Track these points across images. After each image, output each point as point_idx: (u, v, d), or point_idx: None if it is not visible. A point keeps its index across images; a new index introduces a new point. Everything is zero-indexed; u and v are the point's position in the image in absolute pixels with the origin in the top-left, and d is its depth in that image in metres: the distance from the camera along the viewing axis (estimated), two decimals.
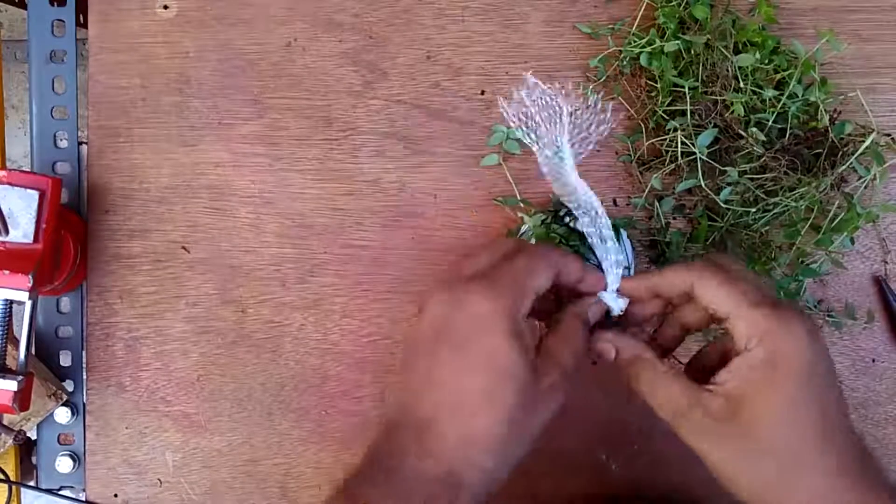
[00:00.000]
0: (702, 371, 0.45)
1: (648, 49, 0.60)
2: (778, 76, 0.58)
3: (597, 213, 0.47)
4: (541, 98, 0.48)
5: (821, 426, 0.39)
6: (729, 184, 0.57)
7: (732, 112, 0.56)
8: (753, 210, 0.57)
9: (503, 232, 0.62)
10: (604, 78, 0.62)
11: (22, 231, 0.55)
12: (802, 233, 0.57)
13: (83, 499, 0.63)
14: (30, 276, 0.54)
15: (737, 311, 0.41)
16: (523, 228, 0.57)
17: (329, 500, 0.39)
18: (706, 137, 0.56)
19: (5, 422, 0.60)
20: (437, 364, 0.41)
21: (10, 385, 0.54)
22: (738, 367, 0.40)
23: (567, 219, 0.53)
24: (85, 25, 0.65)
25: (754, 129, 0.56)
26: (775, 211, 0.57)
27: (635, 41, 0.61)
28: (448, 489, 0.38)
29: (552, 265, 0.44)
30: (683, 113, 0.58)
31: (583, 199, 0.47)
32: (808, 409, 0.39)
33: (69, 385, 0.65)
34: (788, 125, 0.57)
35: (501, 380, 0.39)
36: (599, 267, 0.47)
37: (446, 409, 0.40)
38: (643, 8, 0.61)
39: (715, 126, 0.57)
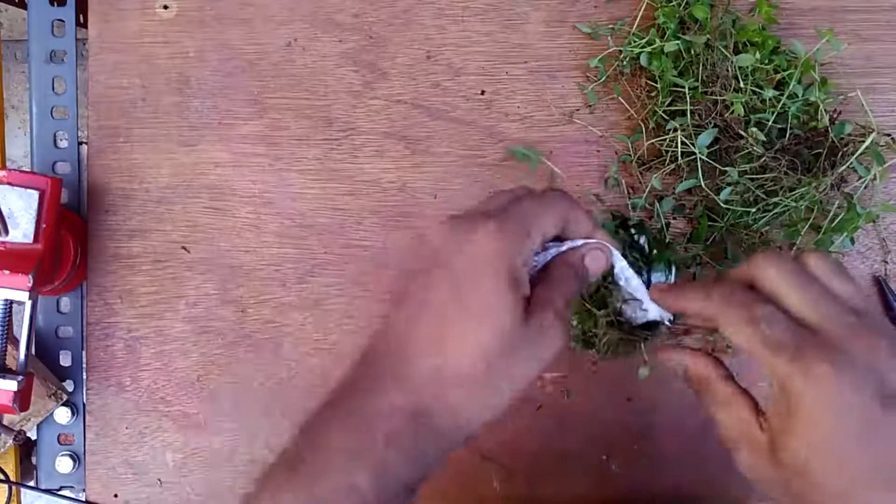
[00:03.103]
0: None
1: (648, 49, 0.60)
2: (778, 76, 0.58)
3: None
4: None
5: (856, 468, 0.37)
6: (729, 184, 0.57)
7: (732, 112, 0.56)
8: (753, 210, 0.57)
9: None
10: (604, 78, 0.62)
11: (22, 231, 0.55)
12: (802, 233, 0.57)
13: (83, 499, 0.63)
14: (30, 276, 0.54)
15: (759, 357, 0.38)
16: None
17: (292, 440, 0.38)
18: (706, 137, 0.56)
19: (5, 422, 0.60)
20: (426, 298, 0.40)
21: (10, 385, 0.54)
22: (769, 408, 0.39)
23: (633, 230, 0.52)
24: (85, 25, 0.65)
25: (754, 129, 0.56)
26: (775, 211, 0.57)
27: (635, 41, 0.61)
28: (412, 423, 0.37)
29: (561, 213, 0.42)
30: (683, 113, 0.58)
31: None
32: (837, 454, 0.37)
33: (69, 385, 0.65)
34: (788, 125, 0.57)
35: (484, 319, 0.38)
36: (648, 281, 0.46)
37: (423, 342, 0.39)
38: (643, 8, 0.61)
39: (715, 126, 0.57)
